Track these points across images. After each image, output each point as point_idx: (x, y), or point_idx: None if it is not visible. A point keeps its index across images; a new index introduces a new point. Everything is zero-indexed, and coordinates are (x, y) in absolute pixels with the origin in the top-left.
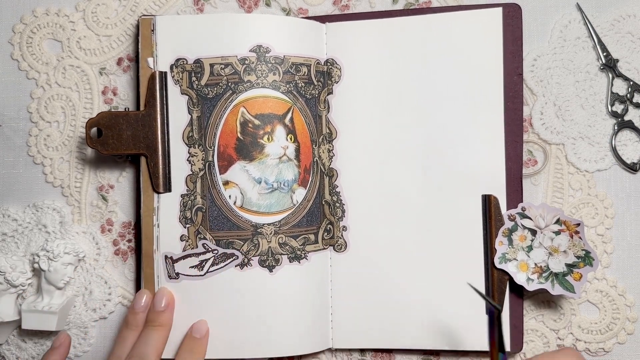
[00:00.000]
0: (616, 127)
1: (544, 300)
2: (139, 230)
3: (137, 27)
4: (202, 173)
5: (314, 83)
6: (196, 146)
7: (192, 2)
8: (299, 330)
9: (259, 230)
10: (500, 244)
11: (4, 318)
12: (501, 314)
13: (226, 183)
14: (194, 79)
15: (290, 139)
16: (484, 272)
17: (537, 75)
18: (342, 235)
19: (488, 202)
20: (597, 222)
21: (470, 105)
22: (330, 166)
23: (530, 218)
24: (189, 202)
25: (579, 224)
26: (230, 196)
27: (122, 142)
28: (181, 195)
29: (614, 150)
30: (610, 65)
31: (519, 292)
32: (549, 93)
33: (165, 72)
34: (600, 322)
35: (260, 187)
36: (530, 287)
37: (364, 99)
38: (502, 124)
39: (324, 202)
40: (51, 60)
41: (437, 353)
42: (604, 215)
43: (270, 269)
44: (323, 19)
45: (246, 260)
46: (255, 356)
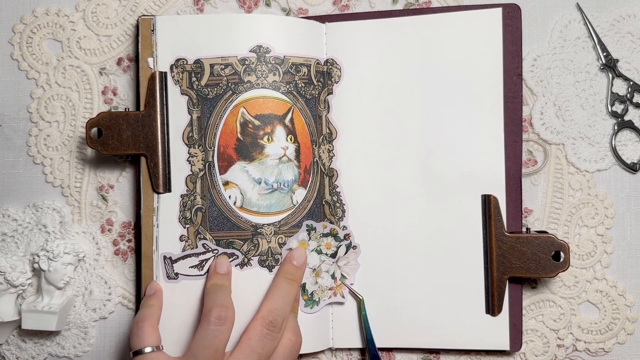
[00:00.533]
0: (616, 127)
1: (544, 300)
2: (139, 230)
3: (137, 27)
4: (202, 173)
5: (314, 83)
6: (196, 146)
7: (192, 2)
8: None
9: (258, 230)
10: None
11: (4, 318)
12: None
13: (226, 183)
14: (194, 79)
15: (290, 140)
16: (483, 272)
17: (537, 75)
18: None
19: (488, 202)
20: (597, 222)
21: (470, 105)
22: (331, 166)
23: None
24: (189, 202)
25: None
26: (230, 196)
27: (122, 142)
28: (181, 196)
29: (614, 150)
30: (610, 65)
31: (518, 292)
32: (549, 93)
33: (165, 73)
34: (600, 322)
35: (260, 188)
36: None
37: (364, 99)
38: (501, 124)
39: (324, 202)
40: (51, 60)
41: (437, 353)
42: (604, 215)
43: (270, 268)
44: (323, 19)
45: (246, 260)
46: None
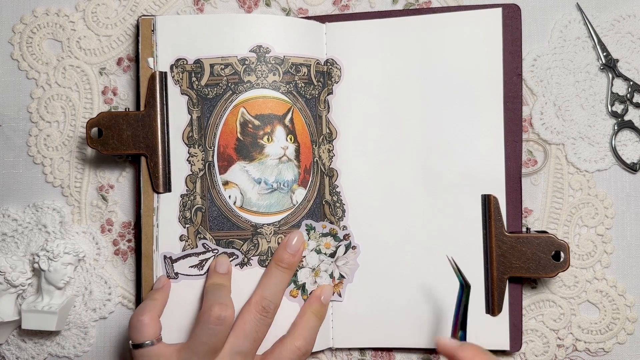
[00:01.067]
0: (616, 127)
1: (544, 300)
2: (139, 230)
3: (137, 27)
4: (201, 173)
5: (313, 83)
6: (196, 146)
7: (192, 2)
8: None
9: (258, 230)
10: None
11: (4, 318)
12: (469, 291)
13: (226, 183)
14: (194, 79)
15: (290, 140)
16: (483, 272)
17: (537, 75)
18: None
19: (488, 202)
20: (597, 222)
21: (470, 105)
22: (331, 166)
23: None
24: (189, 202)
25: None
26: (230, 196)
27: (122, 142)
28: (181, 195)
29: (614, 150)
30: (610, 65)
31: (518, 292)
32: (549, 93)
33: (165, 72)
34: (600, 322)
35: (260, 188)
36: None
37: (364, 99)
38: (501, 124)
39: (324, 202)
40: (51, 60)
41: (437, 353)
42: (604, 215)
43: None
44: (323, 18)
45: (246, 259)
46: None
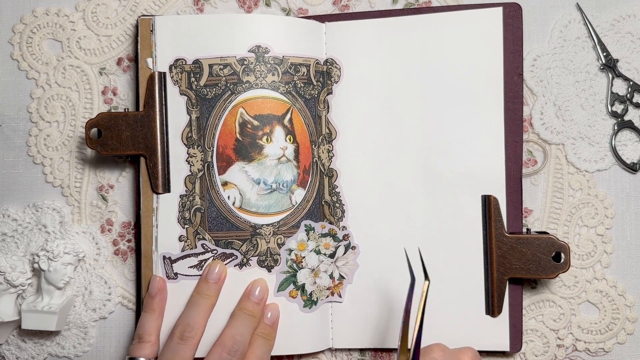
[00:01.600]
0: (616, 127)
1: (544, 300)
2: (139, 231)
3: (137, 27)
4: (201, 174)
5: (313, 83)
6: (195, 147)
7: (192, 2)
8: (299, 329)
9: (257, 230)
10: None
11: (4, 318)
12: (429, 285)
13: (225, 184)
14: (193, 79)
15: (289, 140)
16: (483, 273)
17: (537, 75)
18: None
19: (488, 202)
20: (597, 222)
21: (470, 105)
22: (330, 166)
23: None
24: (188, 202)
25: None
26: (229, 197)
27: (122, 142)
28: (180, 196)
29: (614, 150)
30: (610, 65)
31: (519, 292)
32: (549, 93)
33: (165, 73)
34: (600, 322)
35: (259, 188)
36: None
37: (364, 99)
38: (502, 124)
39: (323, 203)
40: (51, 60)
41: None
42: (604, 215)
43: (269, 269)
44: (322, 18)
45: (245, 260)
46: None
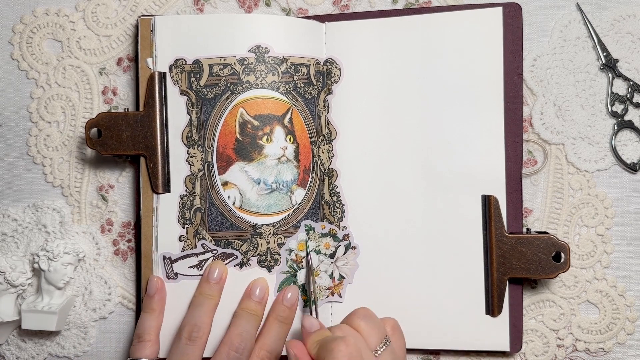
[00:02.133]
0: (616, 127)
1: (544, 300)
2: (139, 231)
3: (137, 27)
4: (201, 174)
5: (313, 83)
6: (195, 147)
7: (192, 2)
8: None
9: (257, 230)
10: None
11: (4, 318)
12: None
13: (225, 184)
14: (193, 79)
15: (289, 140)
16: (483, 273)
17: (537, 75)
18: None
19: (488, 202)
20: (597, 222)
21: (470, 105)
22: (330, 166)
23: None
24: (188, 202)
25: None
26: (229, 197)
27: (122, 142)
28: (180, 196)
29: (614, 150)
30: (610, 65)
31: (519, 292)
32: (549, 93)
33: (165, 73)
34: (600, 322)
35: (259, 188)
36: None
37: (364, 98)
38: (502, 124)
39: (323, 203)
40: (51, 60)
41: (437, 353)
42: (604, 215)
43: (269, 269)
44: (322, 18)
45: (245, 260)
46: None
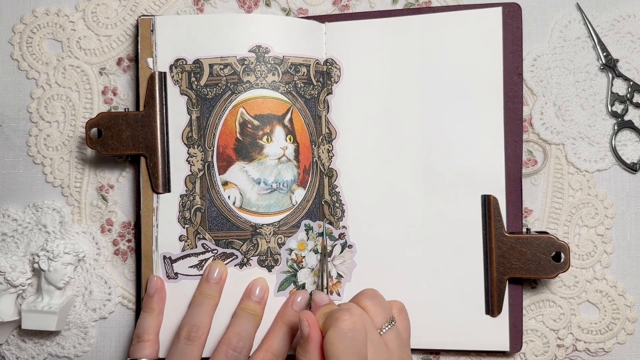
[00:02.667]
0: (616, 127)
1: (544, 300)
2: (139, 230)
3: (137, 27)
4: (201, 173)
5: (313, 83)
6: (195, 147)
7: (192, 2)
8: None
9: (258, 230)
10: None
11: (4, 318)
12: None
13: (225, 183)
14: (193, 79)
15: (290, 140)
16: (483, 273)
17: (537, 75)
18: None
19: (488, 202)
20: (597, 222)
21: (470, 105)
22: (330, 166)
23: None
24: (188, 202)
25: None
26: (229, 197)
27: (122, 142)
28: (180, 196)
29: (614, 150)
30: (610, 65)
31: (518, 292)
32: (549, 93)
33: (165, 73)
34: (600, 322)
35: (259, 188)
36: None
37: (364, 99)
38: (502, 124)
39: (323, 203)
40: (51, 60)
41: (437, 353)
42: (604, 215)
43: (269, 268)
44: (322, 18)
45: (245, 259)
46: None
